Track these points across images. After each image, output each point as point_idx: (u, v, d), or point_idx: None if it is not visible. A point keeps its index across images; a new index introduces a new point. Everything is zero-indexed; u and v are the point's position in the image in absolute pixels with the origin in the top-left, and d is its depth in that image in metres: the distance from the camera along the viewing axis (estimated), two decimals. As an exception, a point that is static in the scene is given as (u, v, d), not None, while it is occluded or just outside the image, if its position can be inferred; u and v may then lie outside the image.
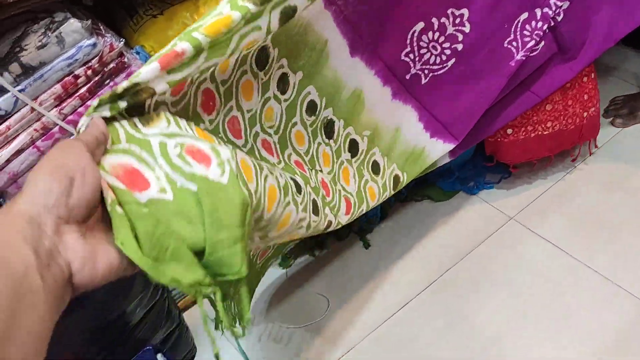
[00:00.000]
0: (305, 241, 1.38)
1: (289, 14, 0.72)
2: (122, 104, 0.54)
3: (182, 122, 0.58)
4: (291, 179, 0.78)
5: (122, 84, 0.54)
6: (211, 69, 0.71)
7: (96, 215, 0.48)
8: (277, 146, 0.89)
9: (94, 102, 0.54)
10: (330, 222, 0.88)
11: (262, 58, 0.82)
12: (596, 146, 1.47)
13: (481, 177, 1.49)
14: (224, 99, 0.77)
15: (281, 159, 0.88)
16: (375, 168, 1.08)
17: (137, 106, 0.56)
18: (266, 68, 0.84)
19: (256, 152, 0.83)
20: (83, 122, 0.53)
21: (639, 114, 1.56)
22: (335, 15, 0.91)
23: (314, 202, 0.84)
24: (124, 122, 0.55)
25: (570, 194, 1.42)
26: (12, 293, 0.37)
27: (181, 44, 0.59)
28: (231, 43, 0.65)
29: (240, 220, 0.51)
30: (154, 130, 0.55)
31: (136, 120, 0.55)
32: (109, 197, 0.48)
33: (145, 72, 0.56)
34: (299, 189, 0.79)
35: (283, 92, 0.89)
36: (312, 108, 0.96)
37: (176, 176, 0.51)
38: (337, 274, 1.36)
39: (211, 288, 0.50)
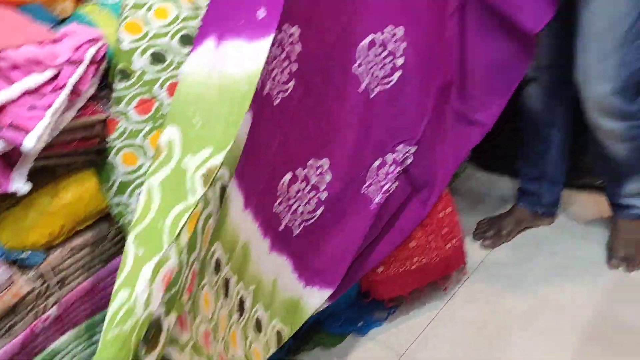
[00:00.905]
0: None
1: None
2: None
3: None
4: None
5: None
6: None
7: None
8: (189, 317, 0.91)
9: None
10: None
11: None
12: (465, 272, 1.54)
13: (369, 316, 1.49)
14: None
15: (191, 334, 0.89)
16: (258, 325, 1.07)
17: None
18: None
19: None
20: None
21: (504, 234, 1.67)
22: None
23: None
24: None
25: (452, 320, 1.45)
26: None
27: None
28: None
29: None
30: None
31: None
32: None
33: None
34: None
35: (190, 252, 0.88)
36: (218, 266, 0.96)
37: None
38: None
39: None
